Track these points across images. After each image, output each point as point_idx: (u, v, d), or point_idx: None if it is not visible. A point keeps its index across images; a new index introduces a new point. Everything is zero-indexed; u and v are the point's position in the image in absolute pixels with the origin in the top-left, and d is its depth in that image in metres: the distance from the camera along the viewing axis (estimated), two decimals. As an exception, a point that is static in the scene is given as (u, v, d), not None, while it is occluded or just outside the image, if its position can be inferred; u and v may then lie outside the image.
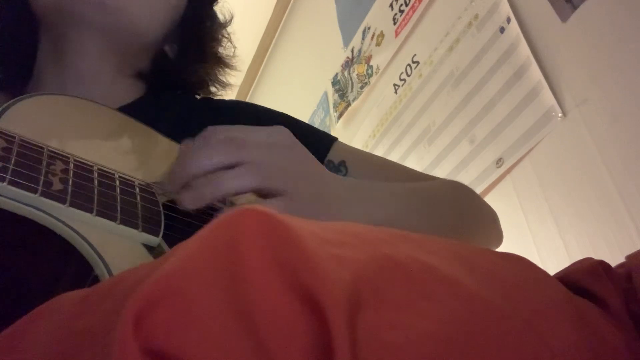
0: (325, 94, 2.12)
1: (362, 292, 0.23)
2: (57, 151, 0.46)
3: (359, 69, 1.90)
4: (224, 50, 0.81)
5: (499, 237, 0.69)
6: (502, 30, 1.28)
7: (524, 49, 1.20)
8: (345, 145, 0.72)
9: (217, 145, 0.46)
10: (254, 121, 0.71)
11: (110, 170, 0.49)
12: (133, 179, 0.50)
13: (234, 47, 0.82)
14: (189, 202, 0.46)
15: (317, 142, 0.71)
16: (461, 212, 0.65)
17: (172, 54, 0.75)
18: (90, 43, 0.66)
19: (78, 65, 0.67)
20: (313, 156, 0.53)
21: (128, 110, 0.64)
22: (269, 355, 0.20)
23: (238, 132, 0.48)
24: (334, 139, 0.72)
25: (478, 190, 1.28)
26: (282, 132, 0.50)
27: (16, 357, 0.25)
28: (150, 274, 0.23)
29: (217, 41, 0.80)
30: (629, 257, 0.37)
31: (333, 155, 0.69)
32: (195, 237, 0.25)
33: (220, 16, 0.82)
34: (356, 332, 0.22)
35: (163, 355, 0.21)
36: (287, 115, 0.75)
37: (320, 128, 2.09)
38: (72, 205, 0.42)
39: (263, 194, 0.47)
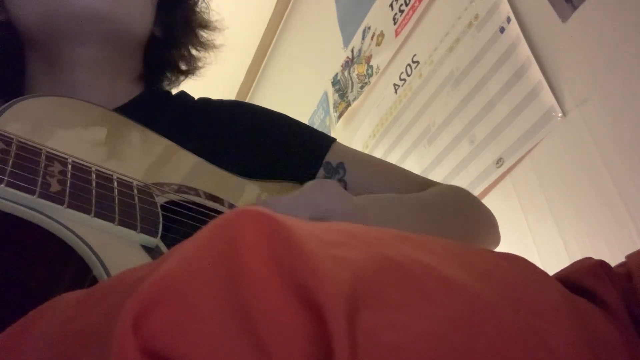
0: (325, 93, 2.12)
1: (361, 293, 0.23)
2: (55, 152, 0.46)
3: (359, 69, 1.90)
4: (202, 14, 0.80)
5: (497, 241, 0.70)
6: (502, 30, 1.28)
7: (524, 49, 1.20)
8: (343, 146, 0.72)
9: None
10: (252, 122, 0.71)
11: (108, 172, 0.49)
12: (131, 180, 0.50)
13: (207, 6, 0.81)
14: None
15: (315, 143, 0.71)
16: (465, 220, 0.65)
17: (160, 34, 0.74)
18: (84, 54, 0.65)
19: (74, 76, 0.66)
20: (348, 197, 0.52)
21: (125, 110, 0.64)
22: (268, 356, 0.20)
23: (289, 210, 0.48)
24: (333, 140, 0.71)
25: (478, 190, 1.28)
26: (328, 197, 0.50)
27: (16, 357, 0.25)
28: (149, 274, 0.23)
29: (197, 8, 0.79)
30: (629, 257, 0.37)
31: (331, 157, 0.69)
32: (194, 237, 0.25)
33: None
34: (355, 332, 0.21)
35: (162, 356, 0.21)
36: (285, 116, 0.74)
37: (320, 128, 2.09)
38: (70, 206, 0.42)
39: None
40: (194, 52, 0.79)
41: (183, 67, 0.79)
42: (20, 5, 0.63)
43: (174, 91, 0.80)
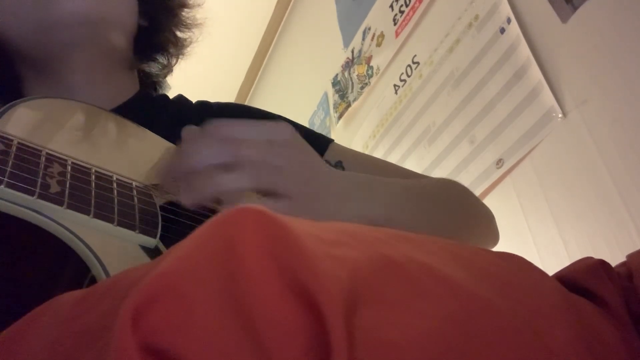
0: (326, 94, 2.12)
1: (360, 291, 0.23)
2: (54, 153, 0.46)
3: (359, 70, 1.90)
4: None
5: (494, 237, 0.69)
6: (502, 30, 1.28)
7: (524, 49, 1.20)
8: (341, 146, 0.72)
9: (216, 141, 0.46)
10: None
11: (107, 172, 0.49)
12: (130, 181, 0.50)
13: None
14: (186, 198, 0.45)
15: (313, 143, 0.70)
16: (455, 210, 0.65)
17: (143, 22, 0.73)
18: (78, 59, 0.65)
19: (69, 80, 0.66)
20: (313, 151, 0.52)
21: (123, 110, 0.64)
22: (266, 353, 0.20)
23: (239, 128, 0.47)
24: (330, 141, 0.72)
25: (478, 190, 1.28)
26: (283, 129, 0.49)
27: (15, 358, 0.25)
28: (148, 272, 0.23)
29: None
30: (629, 257, 0.37)
31: (329, 156, 0.69)
32: (193, 235, 0.25)
33: None
34: (354, 330, 0.22)
35: (161, 353, 0.21)
36: (283, 118, 0.75)
37: (321, 128, 2.09)
38: (69, 207, 0.42)
39: (260, 194, 0.47)
40: (179, 33, 0.79)
41: (172, 49, 0.78)
42: (9, 26, 0.62)
43: (169, 93, 0.80)
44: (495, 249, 0.70)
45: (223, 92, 2.87)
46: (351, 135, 1.90)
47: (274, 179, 0.46)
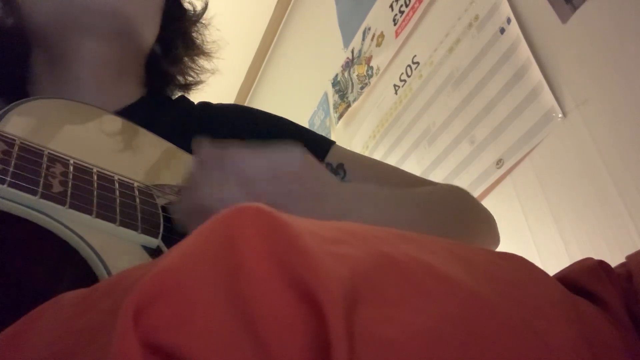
0: (326, 94, 2.13)
1: (359, 289, 0.24)
2: (56, 154, 0.46)
3: (359, 70, 1.90)
4: (202, 36, 0.81)
5: (495, 241, 0.70)
6: (502, 31, 1.28)
7: (524, 49, 1.20)
8: (343, 148, 0.72)
9: (230, 182, 0.45)
10: (252, 126, 0.72)
11: (109, 173, 0.49)
12: (132, 181, 0.51)
13: (206, 34, 0.81)
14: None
15: (315, 145, 0.71)
16: (460, 218, 0.65)
17: (159, 52, 0.75)
18: (92, 51, 0.65)
19: (78, 73, 0.66)
20: (317, 170, 0.50)
21: (126, 113, 0.64)
22: (267, 349, 0.21)
23: (251, 162, 0.46)
24: (332, 143, 0.72)
25: (478, 190, 1.28)
26: (292, 160, 0.48)
27: (16, 356, 0.25)
28: (149, 270, 0.23)
29: (197, 32, 0.80)
30: (629, 257, 0.37)
31: (331, 158, 0.69)
32: (194, 233, 0.25)
33: (192, 6, 0.81)
34: (353, 327, 0.22)
35: (162, 349, 0.21)
36: (285, 119, 0.75)
37: (321, 129, 2.09)
38: (71, 207, 0.42)
39: None
40: (191, 74, 0.80)
41: (179, 82, 0.80)
42: (35, 1, 0.63)
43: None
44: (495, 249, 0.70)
45: (223, 92, 2.87)
46: (351, 135, 1.90)
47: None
